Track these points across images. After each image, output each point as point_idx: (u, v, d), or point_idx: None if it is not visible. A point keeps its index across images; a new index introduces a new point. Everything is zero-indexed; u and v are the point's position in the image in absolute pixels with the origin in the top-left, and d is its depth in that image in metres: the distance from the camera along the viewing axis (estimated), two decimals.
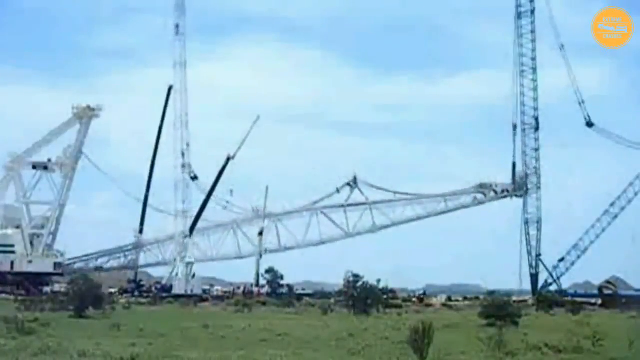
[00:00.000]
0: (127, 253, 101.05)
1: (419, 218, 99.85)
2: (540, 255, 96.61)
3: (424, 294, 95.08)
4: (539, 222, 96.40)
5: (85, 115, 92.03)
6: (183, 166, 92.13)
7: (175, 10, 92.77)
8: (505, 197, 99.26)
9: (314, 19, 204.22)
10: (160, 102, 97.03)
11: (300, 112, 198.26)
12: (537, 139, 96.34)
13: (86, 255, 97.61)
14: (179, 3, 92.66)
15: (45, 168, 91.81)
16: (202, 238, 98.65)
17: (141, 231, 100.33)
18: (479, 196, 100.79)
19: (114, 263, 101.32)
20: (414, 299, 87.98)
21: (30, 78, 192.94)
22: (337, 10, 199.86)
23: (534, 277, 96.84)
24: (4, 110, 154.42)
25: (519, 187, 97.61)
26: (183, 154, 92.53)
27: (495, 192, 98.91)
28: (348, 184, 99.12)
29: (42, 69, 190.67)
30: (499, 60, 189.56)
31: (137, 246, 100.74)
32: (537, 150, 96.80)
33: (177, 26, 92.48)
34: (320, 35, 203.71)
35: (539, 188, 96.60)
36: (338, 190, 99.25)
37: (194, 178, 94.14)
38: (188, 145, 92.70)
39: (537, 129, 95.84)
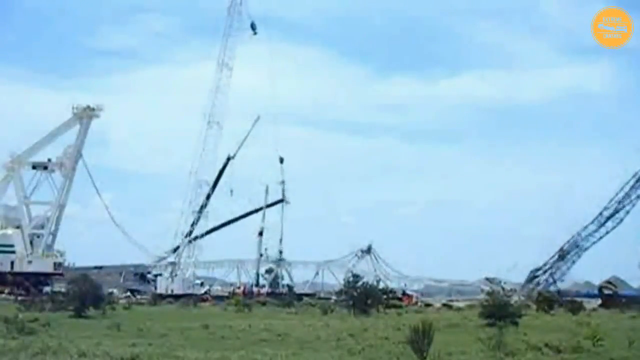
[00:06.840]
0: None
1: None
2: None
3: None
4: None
5: (85, 115, 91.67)
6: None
7: (241, 9, 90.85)
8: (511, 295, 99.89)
9: (315, 19, 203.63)
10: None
11: (300, 111, 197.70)
12: None
13: (87, 268, 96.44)
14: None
15: (45, 168, 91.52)
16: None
17: (190, 233, 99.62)
18: (485, 288, 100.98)
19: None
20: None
21: (30, 78, 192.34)
22: (337, 9, 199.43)
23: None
24: (4, 110, 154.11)
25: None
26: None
27: (503, 288, 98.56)
28: (361, 251, 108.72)
29: (42, 69, 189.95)
30: (498, 60, 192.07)
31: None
32: None
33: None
34: (320, 34, 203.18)
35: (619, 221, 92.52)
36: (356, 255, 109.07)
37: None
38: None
39: None
